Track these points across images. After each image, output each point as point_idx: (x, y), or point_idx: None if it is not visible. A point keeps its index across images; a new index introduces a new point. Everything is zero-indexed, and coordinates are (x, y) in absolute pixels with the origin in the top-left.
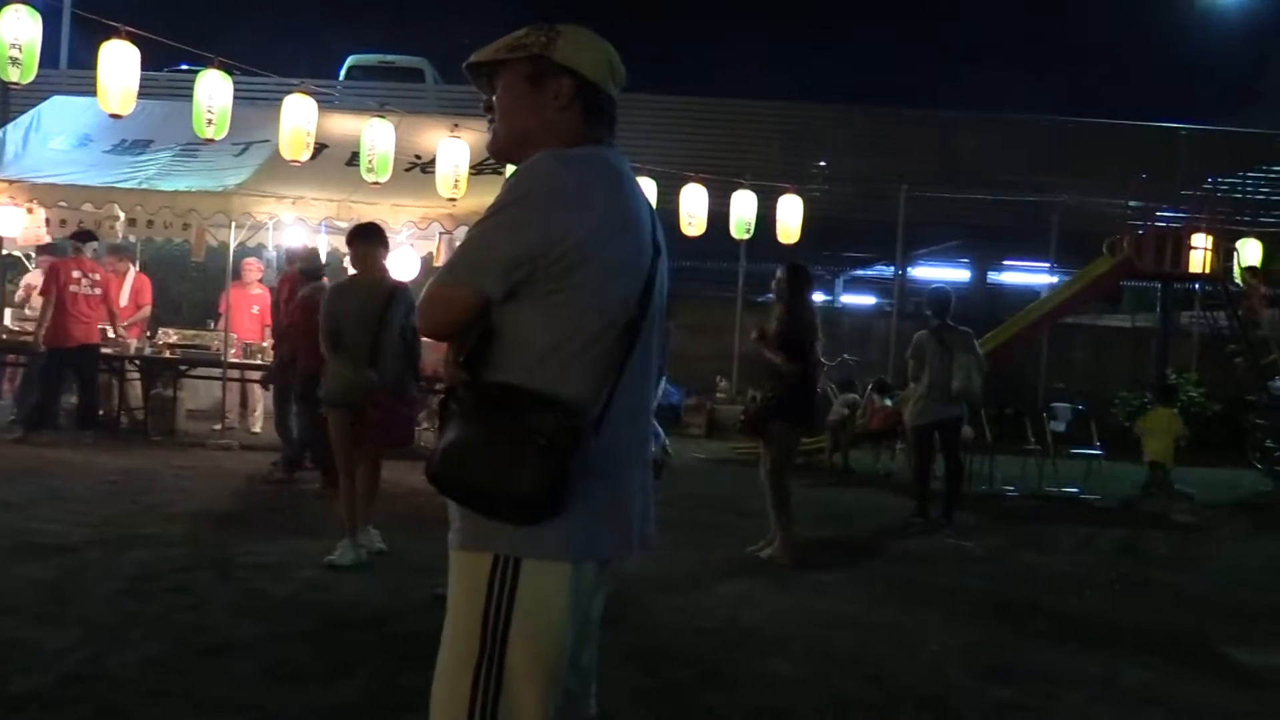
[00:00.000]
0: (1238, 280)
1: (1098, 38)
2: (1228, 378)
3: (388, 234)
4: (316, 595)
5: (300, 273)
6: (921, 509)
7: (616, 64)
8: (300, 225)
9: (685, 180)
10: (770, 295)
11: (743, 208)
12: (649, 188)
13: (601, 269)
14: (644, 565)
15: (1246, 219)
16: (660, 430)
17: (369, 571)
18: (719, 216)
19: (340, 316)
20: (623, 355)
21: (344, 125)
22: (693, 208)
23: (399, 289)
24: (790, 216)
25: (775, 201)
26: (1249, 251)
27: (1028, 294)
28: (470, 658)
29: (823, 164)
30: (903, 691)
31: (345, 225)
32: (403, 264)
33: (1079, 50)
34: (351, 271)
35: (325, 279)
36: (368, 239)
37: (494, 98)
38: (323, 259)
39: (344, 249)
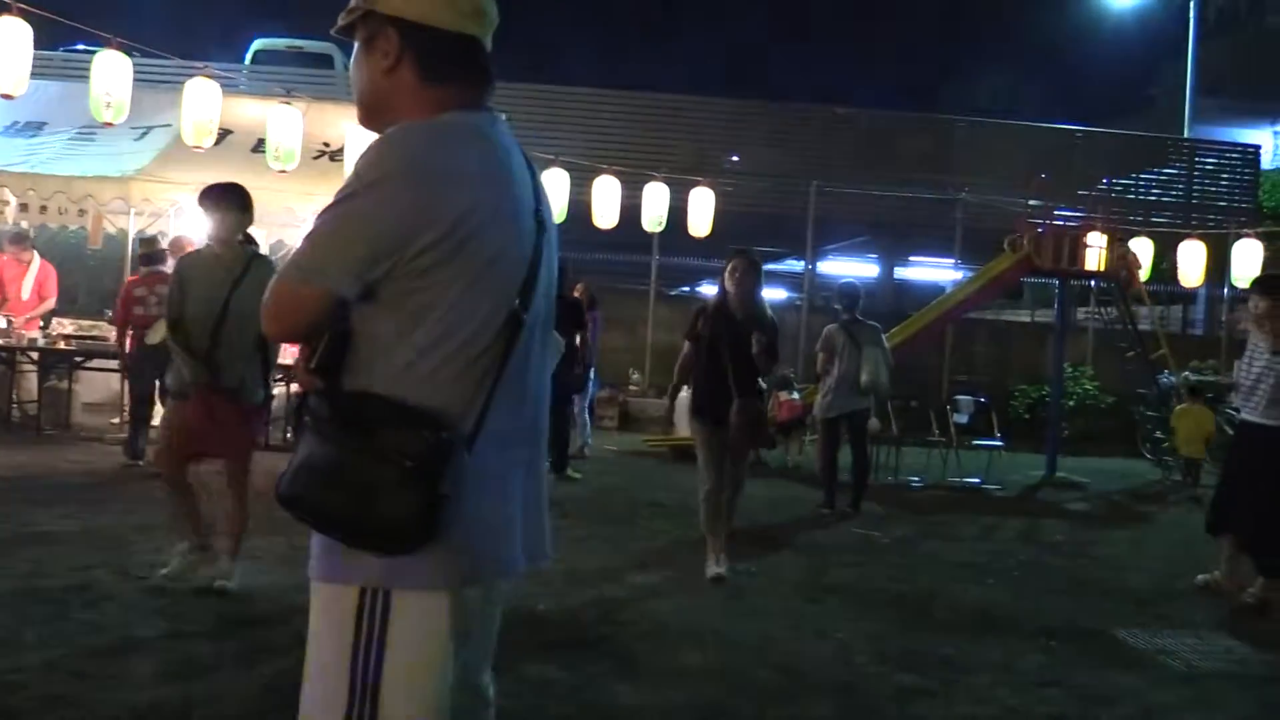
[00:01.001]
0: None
1: (1001, 42)
2: (1120, 371)
3: (295, 220)
4: (219, 595)
5: (140, 258)
6: (830, 500)
7: (475, 2)
8: (202, 214)
9: (598, 172)
10: (722, 289)
11: (655, 201)
12: (561, 180)
13: (475, 260)
14: (559, 559)
15: (1139, 219)
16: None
17: (271, 568)
18: (631, 209)
19: (182, 297)
20: (502, 354)
21: (249, 111)
22: (605, 200)
23: (256, 263)
24: (702, 210)
25: (687, 195)
26: (1141, 250)
27: (933, 289)
28: (338, 705)
29: (735, 159)
30: (811, 679)
31: None
32: None
33: (983, 53)
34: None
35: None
36: (216, 201)
37: None
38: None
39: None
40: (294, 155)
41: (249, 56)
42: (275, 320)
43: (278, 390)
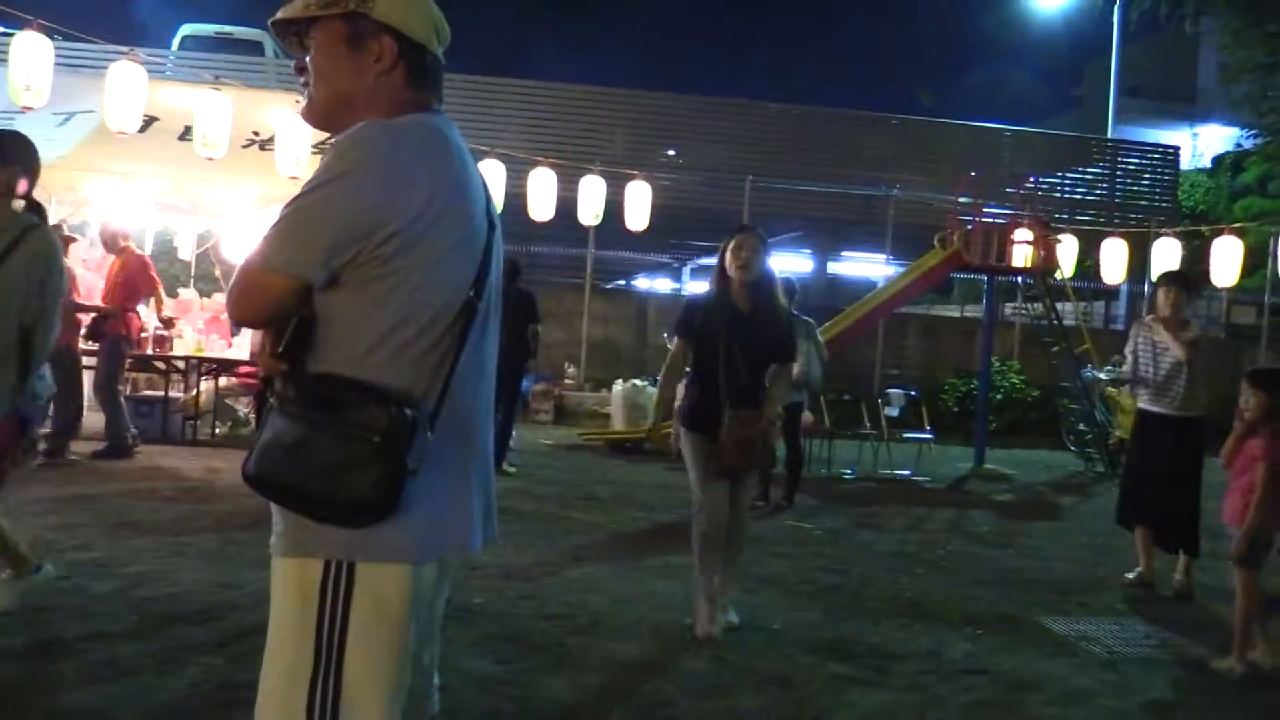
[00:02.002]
0: (1056, 275)
1: (935, 43)
2: (1045, 365)
3: (224, 209)
4: (143, 591)
5: None
6: (764, 493)
7: (440, 20)
8: (128, 201)
9: (534, 165)
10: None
11: (592, 194)
12: (497, 172)
13: (435, 249)
14: (493, 552)
15: (1064, 216)
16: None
17: (199, 565)
18: (568, 202)
19: None
20: (459, 340)
21: (177, 97)
22: (541, 193)
23: (31, 235)
24: (639, 204)
25: (624, 189)
26: (1066, 247)
27: (865, 284)
28: (303, 673)
29: (671, 153)
30: (746, 670)
31: (177, 203)
32: (239, 244)
33: (916, 54)
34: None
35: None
36: None
37: (307, 59)
38: (149, 237)
39: (174, 228)
40: (222, 143)
41: (176, 42)
42: (241, 306)
43: (206, 384)
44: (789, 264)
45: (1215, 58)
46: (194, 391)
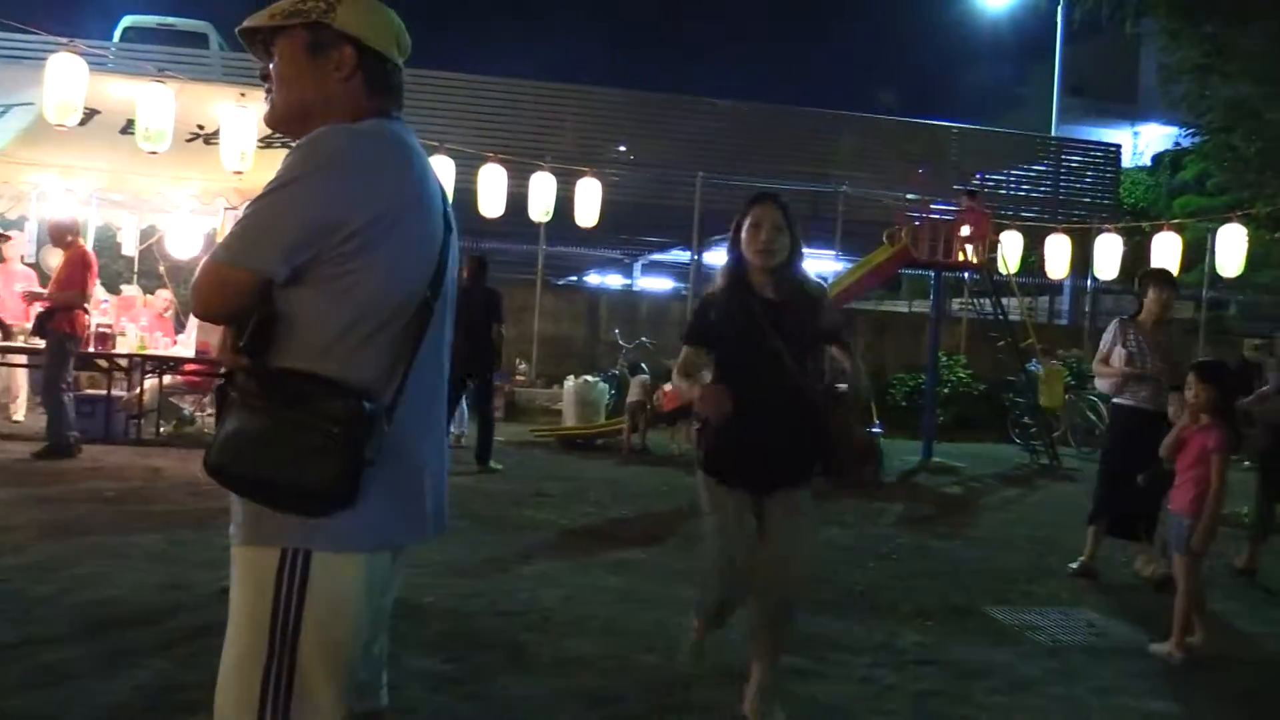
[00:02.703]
0: (1001, 270)
1: (882, 41)
2: (991, 360)
3: (168, 204)
4: (85, 594)
5: None
6: None
7: (401, 31)
8: (68, 196)
9: (484, 160)
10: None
11: (542, 190)
12: (446, 167)
13: (392, 250)
14: (444, 550)
15: (1010, 213)
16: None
17: (143, 567)
18: (518, 198)
19: None
20: (415, 338)
21: (119, 90)
22: (491, 189)
23: None
24: (589, 200)
25: (575, 185)
26: (1010, 244)
27: (815, 280)
28: (259, 657)
29: (622, 149)
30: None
31: (120, 197)
32: (183, 240)
33: (864, 52)
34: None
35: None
36: None
37: (271, 66)
38: (90, 232)
39: (117, 224)
40: (165, 137)
41: (118, 33)
42: (205, 302)
43: (150, 382)
44: None
45: (1155, 58)
46: (138, 390)
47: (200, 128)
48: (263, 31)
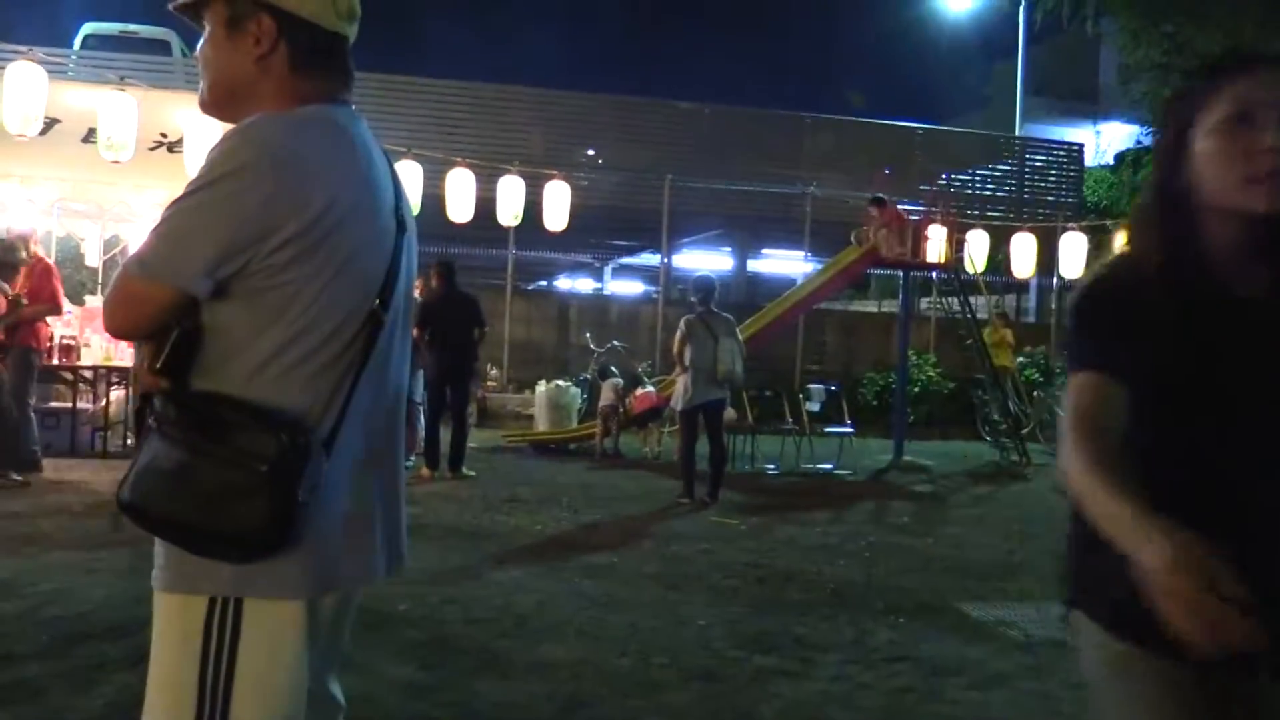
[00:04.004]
0: (968, 269)
1: (846, 43)
2: (960, 358)
3: (131, 214)
4: (53, 610)
5: None
6: (688, 490)
7: None
8: (29, 206)
9: (451, 165)
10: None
11: (511, 194)
12: (414, 172)
13: (334, 257)
14: (417, 557)
15: (975, 212)
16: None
17: (110, 581)
18: (486, 203)
19: None
20: (361, 354)
21: (79, 98)
22: (459, 193)
23: None
24: (558, 204)
25: (543, 188)
26: (977, 242)
27: (785, 281)
28: (186, 718)
29: (590, 152)
30: (672, 666)
31: (83, 207)
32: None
33: (829, 53)
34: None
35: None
36: None
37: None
38: (51, 244)
39: (79, 234)
40: (128, 145)
41: (78, 41)
42: (116, 317)
43: (115, 394)
44: (708, 262)
45: (1116, 57)
46: (103, 402)
47: (164, 135)
48: (190, 7)
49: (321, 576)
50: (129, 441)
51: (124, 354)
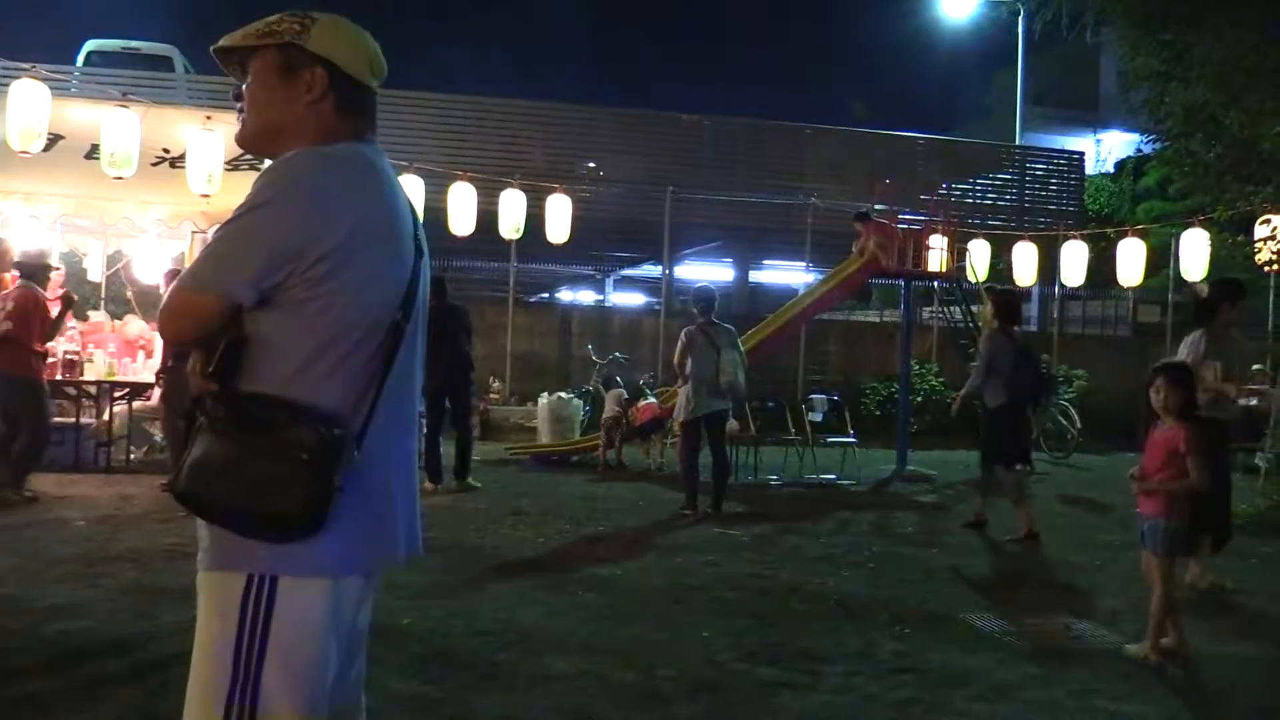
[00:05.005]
0: (970, 279)
1: (847, 54)
2: (963, 367)
3: (135, 229)
4: (56, 626)
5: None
6: (691, 501)
7: (376, 55)
8: (33, 222)
9: (453, 179)
10: None
11: (512, 208)
12: (416, 186)
13: (363, 273)
14: (421, 571)
15: (977, 221)
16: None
17: (114, 597)
18: (488, 216)
19: None
20: (385, 361)
21: (82, 114)
22: (461, 207)
23: None
24: (560, 217)
25: (544, 201)
26: (979, 252)
27: (786, 292)
28: (222, 686)
29: (591, 165)
30: (677, 679)
31: (85, 223)
32: (151, 264)
33: (831, 65)
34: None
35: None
36: None
37: (244, 86)
38: (55, 259)
39: (82, 249)
40: (131, 161)
41: (81, 58)
42: (172, 326)
43: (119, 409)
44: (709, 273)
45: (1115, 66)
46: (106, 417)
47: (166, 151)
48: (238, 51)
49: (350, 558)
50: (132, 456)
51: (127, 369)
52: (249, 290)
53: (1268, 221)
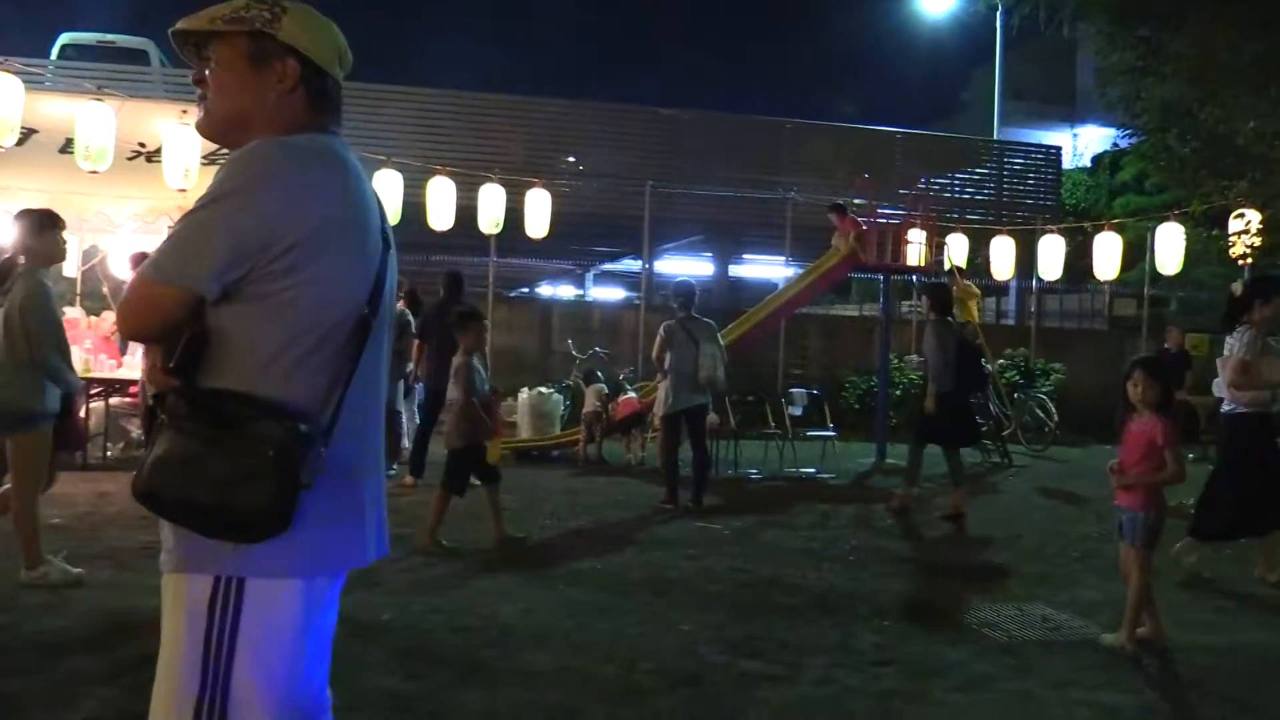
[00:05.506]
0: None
1: (826, 48)
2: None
3: (111, 224)
4: (33, 624)
5: None
6: (671, 495)
7: (343, 47)
8: (5, 218)
9: (432, 174)
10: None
11: (491, 202)
12: (394, 181)
13: (330, 267)
14: (401, 566)
15: (955, 215)
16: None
17: (92, 595)
18: (467, 210)
19: None
20: (354, 356)
21: (57, 108)
22: (440, 202)
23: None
24: (539, 211)
25: (524, 196)
26: (956, 246)
27: (766, 286)
28: (191, 690)
29: (571, 159)
30: (658, 673)
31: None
32: (126, 260)
33: (808, 59)
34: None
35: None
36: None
37: (208, 72)
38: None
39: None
40: (106, 155)
41: (56, 51)
42: (131, 319)
43: (95, 406)
44: (689, 268)
45: (1092, 62)
46: (82, 413)
47: (142, 145)
48: (196, 35)
49: (319, 558)
50: (109, 453)
51: (103, 365)
52: (213, 283)
53: (1241, 215)
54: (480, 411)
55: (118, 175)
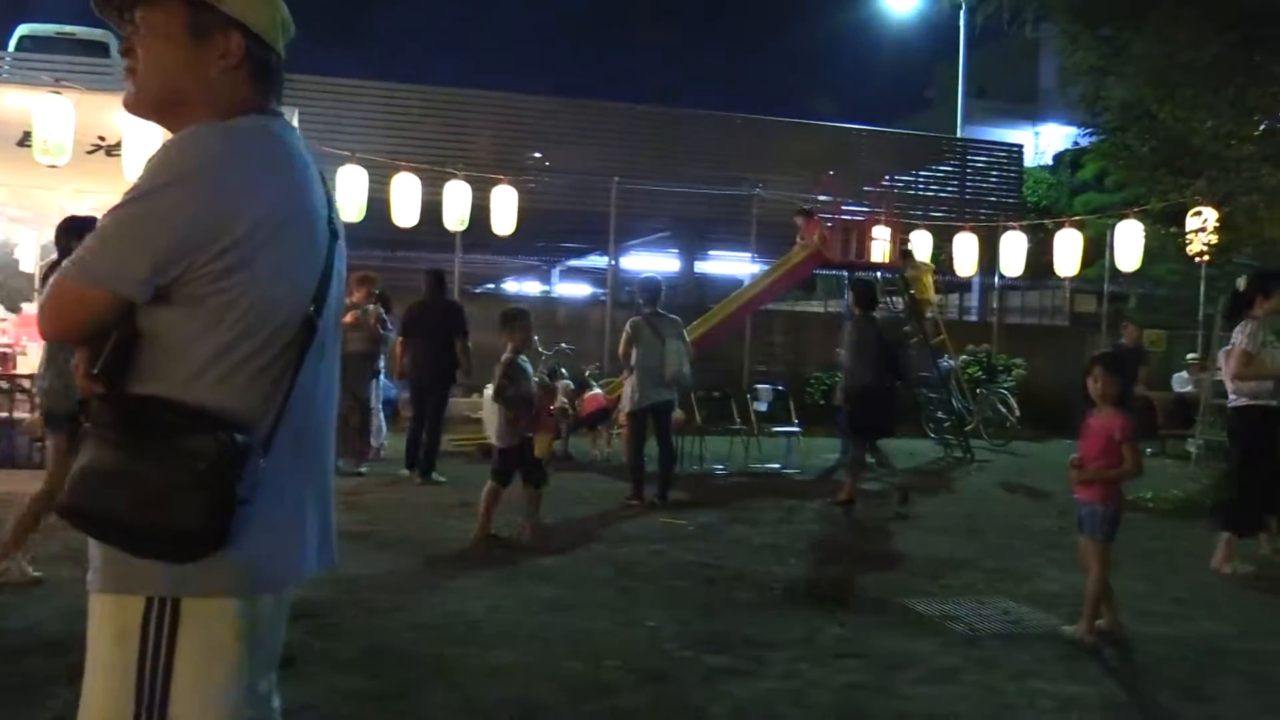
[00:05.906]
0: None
1: (790, 45)
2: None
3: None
4: None
5: None
6: (637, 491)
7: (287, 18)
8: None
9: (396, 169)
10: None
11: (457, 199)
12: (359, 177)
13: (271, 264)
14: (367, 564)
15: (919, 213)
16: (383, 425)
17: (53, 596)
18: (432, 207)
19: None
20: (296, 359)
21: (14, 101)
22: (405, 198)
23: None
24: (505, 208)
25: (489, 192)
26: (920, 242)
27: (732, 282)
28: (124, 715)
29: (537, 155)
30: (624, 669)
31: (19, 212)
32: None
33: (773, 56)
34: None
35: None
36: None
37: (137, 41)
38: None
39: (15, 240)
40: (65, 149)
41: (13, 42)
42: (54, 321)
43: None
44: (655, 264)
45: (1055, 61)
46: (39, 413)
47: (102, 139)
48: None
49: (258, 575)
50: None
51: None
52: (142, 285)
53: (1199, 213)
54: (528, 408)
55: (77, 169)
